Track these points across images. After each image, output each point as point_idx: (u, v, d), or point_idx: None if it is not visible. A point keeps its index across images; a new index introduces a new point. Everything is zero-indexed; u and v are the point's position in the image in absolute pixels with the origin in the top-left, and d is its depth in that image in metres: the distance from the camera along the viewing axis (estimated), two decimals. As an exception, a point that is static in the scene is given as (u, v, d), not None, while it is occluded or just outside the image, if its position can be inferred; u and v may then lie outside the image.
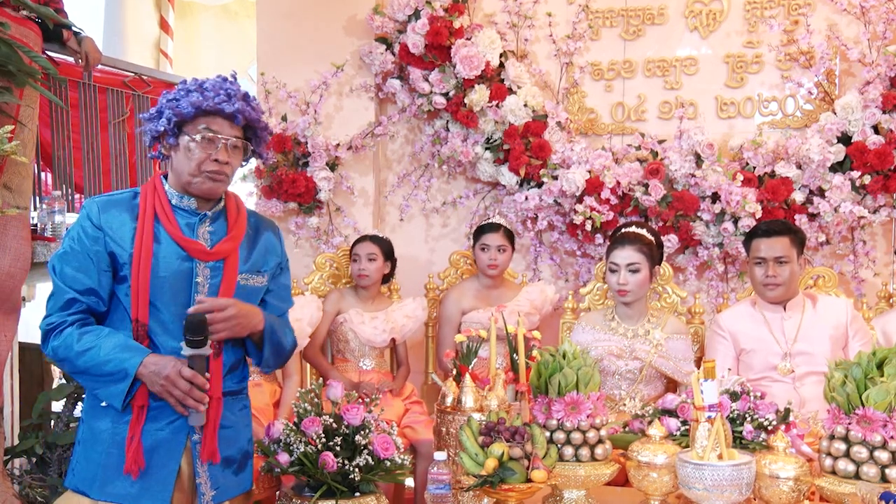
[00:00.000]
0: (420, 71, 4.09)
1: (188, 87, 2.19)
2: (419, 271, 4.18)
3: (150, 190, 2.22)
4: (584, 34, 4.17)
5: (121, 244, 2.16)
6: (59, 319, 2.12)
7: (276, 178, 4.13)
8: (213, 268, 2.22)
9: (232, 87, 2.20)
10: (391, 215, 4.44)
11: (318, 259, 3.91)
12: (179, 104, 2.15)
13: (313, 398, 2.45)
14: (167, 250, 2.18)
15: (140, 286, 2.13)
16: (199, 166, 2.17)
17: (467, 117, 4.04)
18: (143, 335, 2.14)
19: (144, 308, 2.14)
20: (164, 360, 2.09)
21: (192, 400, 2.10)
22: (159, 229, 2.18)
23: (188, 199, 2.23)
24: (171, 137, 2.19)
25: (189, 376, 2.08)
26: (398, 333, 3.69)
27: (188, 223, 2.22)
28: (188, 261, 2.19)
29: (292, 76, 4.24)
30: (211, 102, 2.15)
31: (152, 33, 5.63)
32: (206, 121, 2.17)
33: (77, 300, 2.13)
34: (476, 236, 3.78)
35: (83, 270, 2.14)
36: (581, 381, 2.33)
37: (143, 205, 2.20)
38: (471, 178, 4.32)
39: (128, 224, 2.17)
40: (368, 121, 4.27)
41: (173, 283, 2.17)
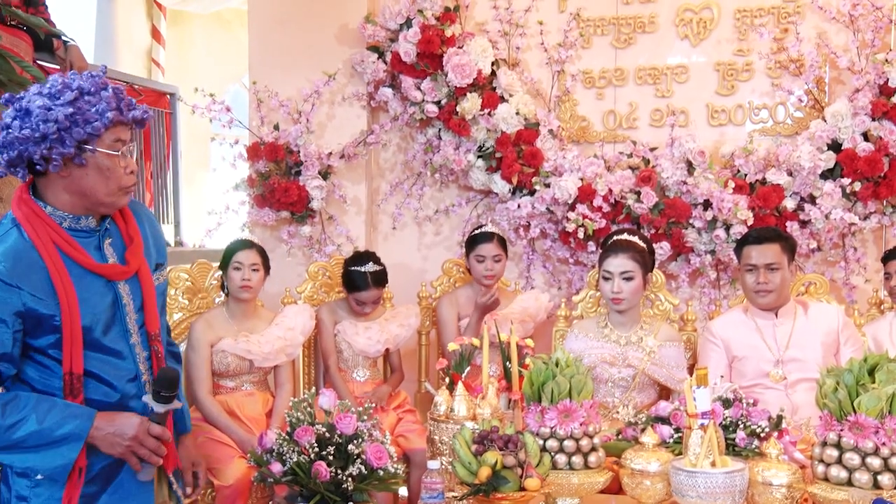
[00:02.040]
0: (412, 79, 4.09)
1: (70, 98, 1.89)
2: (412, 279, 4.18)
3: (33, 219, 1.94)
4: (576, 42, 4.18)
5: (41, 297, 1.91)
6: None
7: (269, 187, 4.13)
8: (131, 283, 2.08)
9: (119, 90, 1.99)
10: (384, 223, 4.44)
11: (310, 268, 3.91)
12: (89, 120, 1.89)
13: (306, 407, 2.44)
14: (87, 285, 1.98)
15: (74, 336, 1.93)
16: (119, 183, 1.98)
17: (459, 125, 4.05)
18: (77, 388, 1.96)
19: (79, 358, 1.95)
20: (121, 419, 1.95)
21: (156, 456, 2.00)
22: (69, 264, 1.95)
23: (86, 218, 2.01)
24: (77, 157, 1.92)
25: (158, 433, 1.97)
26: (392, 343, 3.69)
27: (92, 244, 2.03)
28: (109, 285, 2.03)
29: (284, 85, 4.24)
30: (125, 114, 1.96)
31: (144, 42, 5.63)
32: (116, 131, 1.96)
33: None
34: (470, 246, 3.77)
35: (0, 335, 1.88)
36: (574, 389, 2.32)
37: (37, 241, 1.93)
38: (463, 186, 4.33)
39: (37, 264, 1.91)
40: (361, 129, 4.27)
41: (106, 316, 2.02)
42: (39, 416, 1.89)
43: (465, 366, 2.75)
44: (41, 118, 1.88)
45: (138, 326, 2.10)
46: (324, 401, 2.41)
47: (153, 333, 2.13)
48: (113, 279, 2.04)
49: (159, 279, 2.19)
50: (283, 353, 3.44)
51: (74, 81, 1.93)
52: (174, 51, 5.83)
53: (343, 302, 3.75)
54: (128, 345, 2.08)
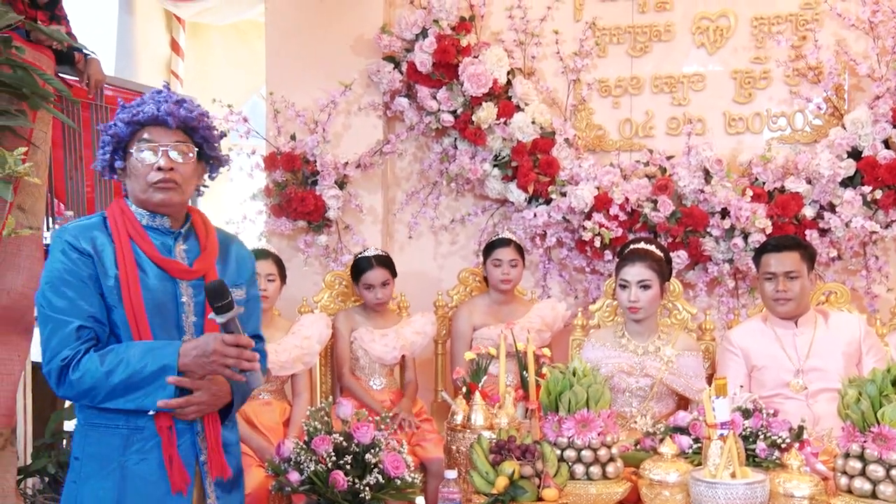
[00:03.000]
0: (428, 89, 4.10)
1: (122, 108, 2.15)
2: (428, 288, 4.17)
3: (118, 213, 2.15)
4: (592, 51, 4.18)
5: (105, 269, 2.08)
6: (72, 352, 2.01)
7: (286, 197, 4.14)
8: (195, 286, 2.17)
9: (161, 96, 2.15)
10: (400, 233, 4.44)
11: (327, 277, 3.91)
12: (115, 126, 2.12)
13: (323, 416, 2.44)
14: (149, 273, 2.11)
15: (136, 310, 2.07)
16: (145, 180, 2.11)
17: (475, 135, 4.05)
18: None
19: (146, 332, 2.07)
20: (198, 341, 2.03)
21: (247, 361, 2.03)
22: (137, 252, 2.12)
23: (160, 217, 2.17)
24: (118, 161, 2.15)
25: (232, 341, 2.01)
26: (408, 350, 3.68)
27: (163, 243, 2.17)
28: (170, 281, 2.14)
29: (301, 95, 4.26)
30: (140, 113, 2.11)
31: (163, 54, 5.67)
32: (142, 133, 2.12)
33: (84, 327, 2.03)
34: (487, 252, 3.77)
35: (83, 297, 2.05)
36: (591, 399, 2.31)
37: (115, 229, 2.13)
38: (479, 195, 4.32)
39: (108, 248, 2.10)
40: (377, 139, 4.28)
41: (161, 305, 2.12)
42: (130, 358, 2.00)
43: (482, 375, 2.75)
44: (102, 130, 2.16)
45: (195, 328, 2.16)
46: (341, 410, 2.41)
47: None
48: (174, 276, 2.14)
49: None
50: (300, 362, 3.44)
51: (144, 96, 2.16)
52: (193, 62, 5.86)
53: (359, 309, 3.75)
54: (181, 341, 2.11)
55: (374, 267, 3.63)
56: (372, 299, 3.64)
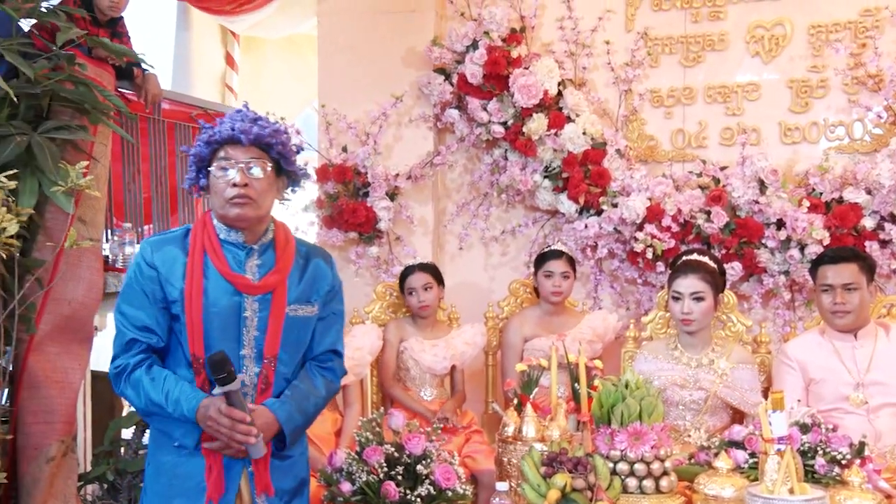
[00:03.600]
0: (478, 100, 4.12)
1: (203, 128, 2.27)
2: (478, 300, 4.17)
3: (201, 227, 2.27)
4: (643, 61, 4.15)
5: (172, 281, 2.20)
6: (124, 363, 2.18)
7: (337, 208, 4.18)
8: (262, 301, 2.23)
9: (239, 115, 2.25)
10: (450, 244, 4.45)
11: (377, 288, 3.94)
12: (197, 147, 2.24)
13: (375, 427, 2.46)
14: (215, 285, 2.21)
15: (194, 321, 2.17)
16: (222, 196, 2.21)
17: (526, 146, 4.05)
18: (199, 367, 2.19)
19: (200, 343, 2.17)
20: (207, 402, 2.13)
21: (239, 435, 2.11)
22: (208, 265, 2.22)
23: (236, 232, 2.25)
24: (202, 180, 2.27)
25: (226, 412, 2.09)
26: (458, 360, 3.69)
27: (235, 257, 2.25)
28: (236, 295, 2.22)
29: (352, 107, 4.31)
30: (217, 133, 2.21)
31: (218, 68, 5.79)
32: (219, 152, 2.23)
33: (137, 340, 2.19)
34: (538, 263, 3.76)
35: (141, 308, 2.20)
36: (644, 412, 2.29)
37: (193, 241, 2.25)
38: (530, 206, 4.32)
39: (179, 261, 2.22)
40: (427, 150, 4.31)
41: (223, 318, 2.20)
42: (171, 396, 2.14)
43: (533, 387, 2.74)
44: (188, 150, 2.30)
45: (255, 342, 2.23)
46: (393, 420, 2.42)
47: (268, 357, 2.24)
48: (240, 290, 2.22)
49: (297, 311, 2.29)
50: (352, 373, 3.45)
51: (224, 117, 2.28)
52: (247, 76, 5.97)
53: (410, 319, 3.77)
54: (237, 355, 2.21)
55: (416, 271, 3.67)
56: (415, 304, 3.66)
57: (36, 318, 2.95)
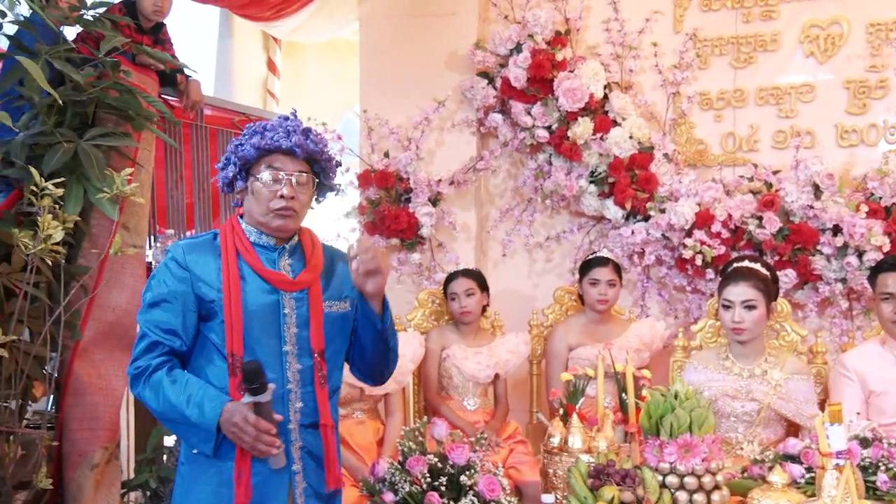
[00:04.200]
0: (522, 105, 4.11)
1: (251, 131, 2.25)
2: (522, 307, 4.16)
3: (229, 230, 2.29)
4: (692, 63, 4.12)
5: (207, 283, 2.21)
6: (145, 364, 2.18)
7: (379, 215, 4.21)
8: (298, 298, 2.26)
9: (291, 124, 2.25)
10: (493, 250, 4.45)
11: (420, 295, 3.95)
12: (243, 148, 2.23)
13: (418, 437, 2.47)
14: (252, 285, 2.22)
15: (233, 319, 2.18)
16: (267, 205, 2.22)
17: (571, 150, 4.03)
18: (238, 367, 2.17)
19: (239, 341, 2.18)
20: (233, 407, 2.11)
21: (263, 445, 2.10)
22: (242, 265, 2.24)
23: (266, 236, 2.28)
24: (240, 182, 2.26)
25: (253, 422, 2.08)
26: (502, 369, 3.68)
27: (268, 258, 2.27)
28: (274, 293, 2.24)
29: (395, 112, 4.33)
30: (269, 141, 2.21)
31: (260, 73, 5.86)
32: (269, 160, 2.22)
33: (160, 342, 2.19)
34: (584, 271, 3.74)
35: (168, 311, 2.20)
36: (694, 423, 2.26)
37: (223, 244, 2.26)
38: (575, 212, 4.30)
39: (212, 263, 2.23)
40: (470, 155, 4.31)
41: (262, 316, 2.22)
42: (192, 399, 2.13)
43: (579, 397, 2.73)
44: (229, 148, 2.28)
45: (297, 339, 2.25)
46: (436, 430, 2.42)
47: (318, 351, 2.26)
48: (277, 287, 2.24)
49: (332, 307, 2.31)
50: (394, 381, 3.46)
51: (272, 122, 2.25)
52: (288, 81, 6.04)
53: (452, 327, 3.78)
54: (279, 351, 2.22)
55: (459, 276, 3.69)
56: (457, 309, 3.67)
57: (81, 324, 3.02)
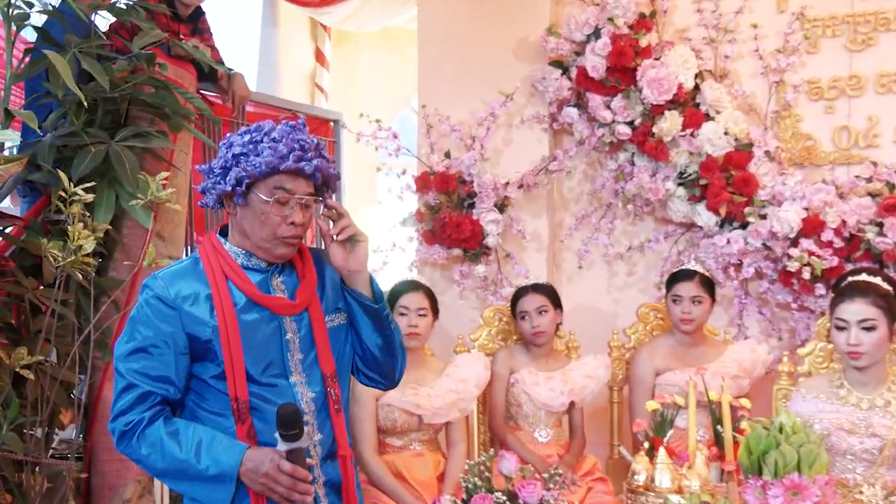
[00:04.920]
0: (601, 97, 4.09)
1: (254, 138, 2.18)
2: (601, 326, 4.14)
3: (212, 252, 2.25)
4: (799, 47, 4.06)
5: (200, 320, 2.19)
6: (137, 417, 2.14)
7: (439, 222, 4.23)
8: (298, 320, 2.27)
9: (305, 140, 2.20)
10: (568, 262, 4.43)
11: (485, 312, 3.95)
12: (250, 162, 2.15)
13: (483, 472, 2.46)
14: (249, 314, 2.21)
15: (234, 360, 2.17)
16: (274, 231, 2.19)
17: (656, 149, 4.00)
18: (244, 413, 2.18)
19: (242, 383, 2.18)
20: (260, 455, 2.10)
21: (298, 494, 2.11)
22: (235, 293, 2.21)
23: (256, 258, 2.26)
24: (238, 197, 2.19)
25: (289, 471, 2.09)
26: (577, 396, 3.66)
27: (260, 280, 2.26)
28: (273, 319, 2.24)
29: (456, 108, 4.36)
30: (285, 160, 2.15)
31: (307, 66, 5.97)
32: (280, 179, 2.17)
33: (152, 392, 2.16)
34: (668, 286, 3.73)
35: (158, 357, 2.17)
36: (804, 461, 2.24)
37: (209, 270, 2.22)
38: (661, 218, 4.27)
39: (201, 295, 2.20)
40: (542, 155, 4.31)
41: (265, 348, 2.22)
42: (192, 454, 2.11)
43: (668, 428, 2.70)
44: (221, 153, 2.21)
45: (303, 365, 2.26)
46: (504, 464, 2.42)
47: (328, 374, 2.28)
48: (277, 312, 2.25)
49: (333, 321, 2.34)
50: (456, 409, 3.48)
51: (268, 125, 2.21)
52: (339, 74, 6.13)
53: (522, 347, 3.77)
54: (287, 382, 2.23)
55: (529, 292, 3.69)
56: (527, 329, 3.67)
57: (112, 343, 3.09)
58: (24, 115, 2.88)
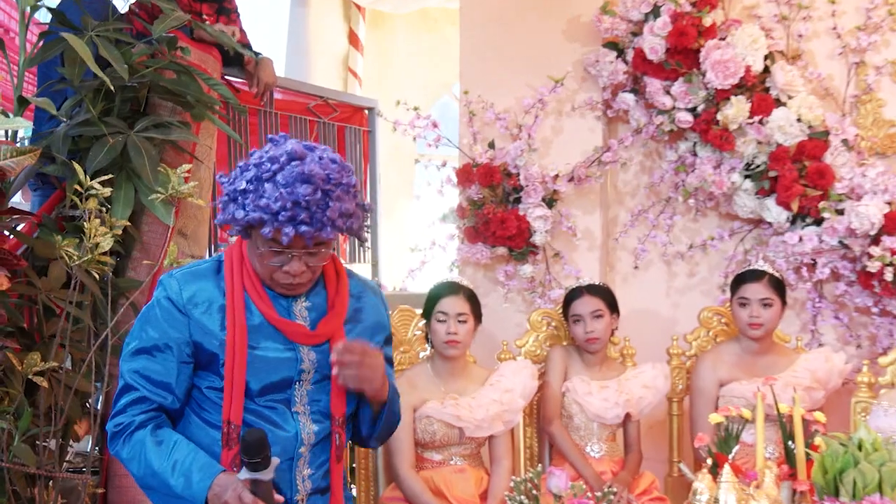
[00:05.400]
0: (660, 82, 4.07)
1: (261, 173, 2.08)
2: (659, 332, 4.12)
3: (237, 260, 2.24)
4: (883, 24, 4.03)
5: (209, 331, 2.20)
6: (127, 420, 2.18)
7: (482, 218, 4.22)
8: (319, 351, 2.27)
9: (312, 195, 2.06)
10: (623, 262, 4.42)
11: (532, 316, 3.94)
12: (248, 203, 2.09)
13: (531, 489, 2.45)
14: (264, 335, 2.22)
15: (235, 382, 2.18)
16: (270, 275, 2.20)
17: (721, 137, 3.97)
18: (233, 438, 2.19)
19: (238, 406, 2.19)
20: (226, 482, 2.10)
21: None
22: (251, 309, 2.21)
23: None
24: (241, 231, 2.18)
25: (249, 502, 2.08)
26: (634, 408, 3.64)
27: (282, 303, 2.26)
28: (291, 345, 2.25)
29: (501, 94, 4.35)
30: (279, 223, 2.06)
31: (340, 49, 6.00)
32: (276, 233, 2.09)
33: (147, 398, 2.18)
34: (734, 288, 3.70)
35: (161, 361, 2.19)
36: (885, 481, 2.22)
37: (229, 279, 2.23)
38: (725, 214, 4.24)
39: (216, 303, 2.22)
40: (594, 145, 4.29)
41: (275, 372, 2.23)
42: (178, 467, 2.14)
43: (733, 444, 2.69)
44: (232, 178, 2.17)
45: (309, 399, 2.28)
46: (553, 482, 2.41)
47: (338, 417, 2.31)
48: (294, 340, 2.25)
49: None
50: (500, 421, 3.47)
51: (281, 159, 2.08)
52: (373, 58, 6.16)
53: (575, 350, 3.76)
54: (289, 412, 2.26)
55: (584, 294, 3.68)
56: (581, 335, 3.66)
57: (130, 347, 3.13)
58: (41, 101, 2.92)
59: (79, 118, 3.13)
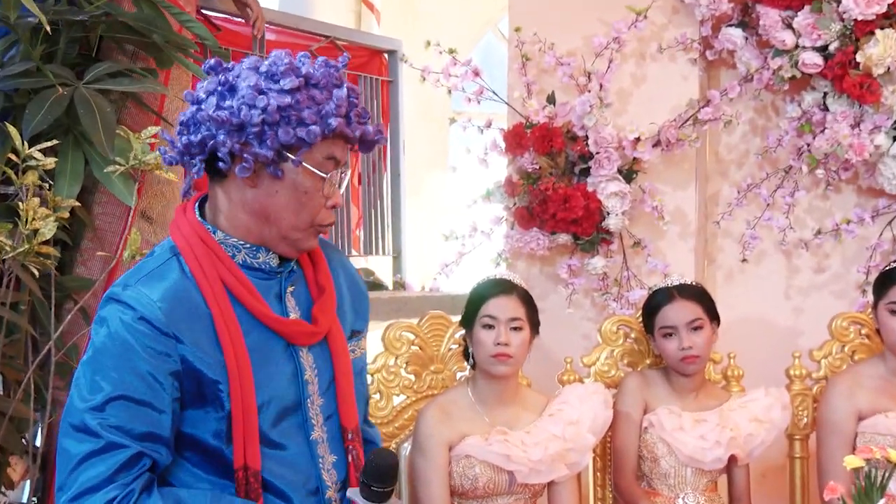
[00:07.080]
0: (777, 12, 4.05)
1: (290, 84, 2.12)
2: (776, 347, 4.11)
3: (199, 248, 2.19)
4: None
5: (205, 352, 2.15)
6: (123, 491, 2.07)
7: (538, 196, 4.21)
8: (316, 352, 2.30)
9: (353, 92, 2.23)
10: (726, 252, 4.43)
11: (604, 325, 3.93)
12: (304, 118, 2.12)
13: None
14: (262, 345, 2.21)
15: (246, 413, 2.16)
16: (313, 217, 2.21)
17: (861, 86, 3.94)
18: (256, 489, 2.17)
19: (254, 446, 2.17)
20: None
21: None
22: (239, 312, 2.19)
23: (265, 252, 2.25)
24: (271, 166, 2.15)
25: None
26: (741, 448, 3.63)
27: (273, 291, 2.27)
28: (288, 351, 2.26)
29: (563, 32, 4.35)
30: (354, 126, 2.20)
31: (351, -26, 6.03)
32: (331, 147, 2.19)
33: (143, 455, 2.10)
34: (879, 288, 3.66)
35: (146, 405, 2.10)
36: None
37: (201, 278, 2.18)
38: (867, 189, 4.24)
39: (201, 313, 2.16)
40: (689, 98, 4.28)
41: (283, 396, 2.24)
42: None
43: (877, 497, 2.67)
44: (247, 101, 2.11)
45: (324, 417, 2.30)
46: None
47: (350, 429, 2.33)
48: (295, 342, 2.26)
49: (355, 351, 2.40)
50: (563, 463, 3.47)
51: (304, 66, 2.16)
52: (395, -14, 6.18)
53: (660, 375, 3.74)
54: (307, 442, 2.27)
55: (676, 299, 3.65)
56: (673, 352, 3.63)
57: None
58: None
59: (12, 66, 3.14)
